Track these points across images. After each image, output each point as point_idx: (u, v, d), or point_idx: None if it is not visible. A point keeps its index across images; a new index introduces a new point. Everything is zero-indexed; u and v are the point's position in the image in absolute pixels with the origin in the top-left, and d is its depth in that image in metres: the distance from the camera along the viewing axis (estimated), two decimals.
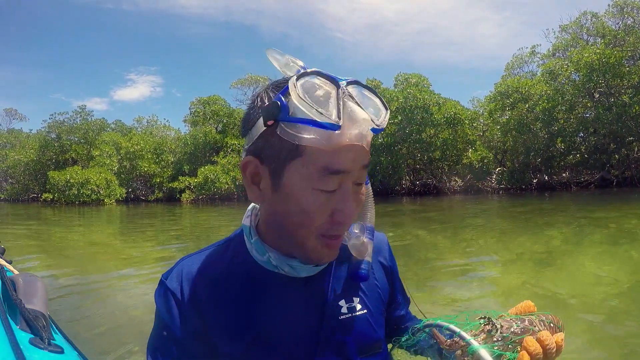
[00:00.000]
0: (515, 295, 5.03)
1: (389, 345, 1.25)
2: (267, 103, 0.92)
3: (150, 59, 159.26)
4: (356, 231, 1.07)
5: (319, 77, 0.88)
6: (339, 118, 0.84)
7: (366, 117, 0.88)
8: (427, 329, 1.06)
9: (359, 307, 1.13)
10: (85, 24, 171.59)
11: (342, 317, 1.09)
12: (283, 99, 0.86)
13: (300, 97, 0.83)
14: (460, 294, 5.09)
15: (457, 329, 0.95)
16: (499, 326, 0.94)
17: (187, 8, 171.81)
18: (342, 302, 1.11)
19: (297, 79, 0.85)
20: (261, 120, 0.90)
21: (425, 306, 1.34)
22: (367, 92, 0.94)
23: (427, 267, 6.62)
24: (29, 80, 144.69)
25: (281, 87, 0.91)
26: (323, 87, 0.87)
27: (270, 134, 0.90)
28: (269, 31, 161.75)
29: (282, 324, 1.05)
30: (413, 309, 1.42)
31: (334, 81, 0.88)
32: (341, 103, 0.85)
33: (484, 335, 0.93)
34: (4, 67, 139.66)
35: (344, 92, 0.88)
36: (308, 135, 0.85)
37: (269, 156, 0.93)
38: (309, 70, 0.89)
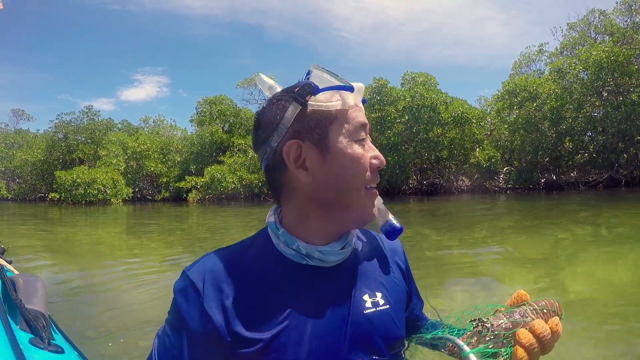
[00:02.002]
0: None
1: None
2: (285, 104, 1.06)
3: (157, 60, 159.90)
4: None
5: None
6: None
7: (362, 85, 1.10)
8: (433, 342, 1.12)
9: (382, 302, 1.14)
10: (92, 25, 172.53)
11: (366, 311, 1.10)
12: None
13: (327, 70, 1.06)
14: (470, 294, 5.04)
15: (452, 337, 1.02)
16: (489, 325, 0.96)
17: (193, 9, 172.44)
18: (366, 297, 1.12)
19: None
20: (292, 107, 1.05)
21: (435, 307, 1.31)
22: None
23: (436, 267, 6.57)
24: (36, 81, 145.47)
25: (288, 93, 1.07)
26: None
27: (302, 114, 1.05)
28: (274, 31, 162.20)
29: (309, 317, 1.04)
30: (427, 308, 1.40)
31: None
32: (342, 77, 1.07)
33: (476, 337, 0.97)
34: (11, 68, 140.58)
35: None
36: (335, 101, 1.05)
37: (309, 131, 1.05)
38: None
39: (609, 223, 10.96)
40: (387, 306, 1.13)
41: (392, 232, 1.16)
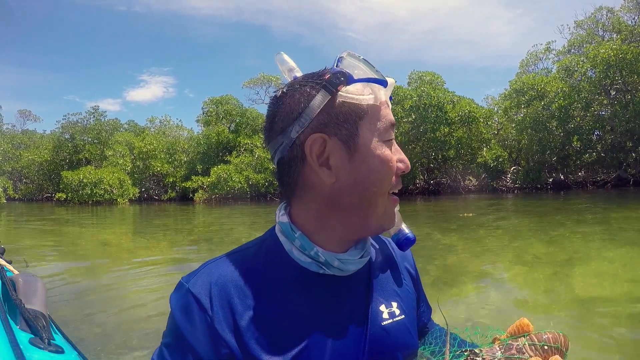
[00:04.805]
0: (533, 299, 4.92)
1: None
2: (311, 92, 0.94)
3: (163, 60, 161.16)
4: None
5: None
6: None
7: (394, 81, 0.99)
8: None
9: (398, 312, 1.07)
10: (98, 26, 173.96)
11: (384, 323, 1.03)
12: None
13: (363, 60, 0.96)
14: (477, 298, 4.99)
15: None
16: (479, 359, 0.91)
17: (199, 9, 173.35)
18: (382, 307, 1.05)
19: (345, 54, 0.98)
20: (319, 96, 0.93)
21: (443, 308, 1.26)
22: None
23: (442, 270, 6.53)
24: (42, 82, 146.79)
25: (315, 79, 0.95)
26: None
27: (330, 105, 0.93)
28: (280, 31, 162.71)
29: (328, 334, 0.96)
30: (437, 317, 1.36)
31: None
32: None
33: None
34: (17, 69, 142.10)
35: None
36: (368, 95, 0.95)
37: (336, 125, 0.95)
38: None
39: (618, 223, 10.89)
40: (403, 316, 1.07)
41: (404, 243, 1.12)
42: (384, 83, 0.96)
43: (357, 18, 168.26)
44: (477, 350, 0.93)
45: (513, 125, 31.03)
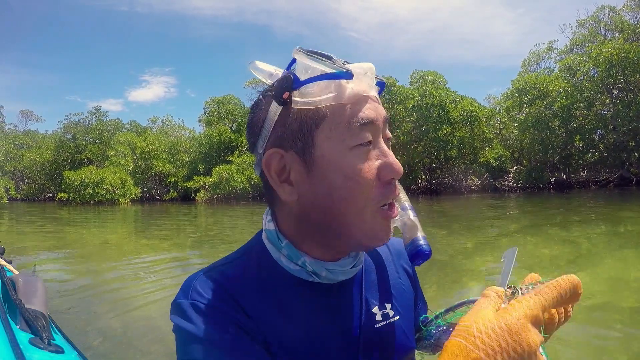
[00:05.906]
0: None
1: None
2: (267, 102, 0.87)
3: (164, 60, 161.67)
4: (400, 210, 0.97)
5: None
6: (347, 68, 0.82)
7: (370, 65, 0.86)
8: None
9: (391, 313, 1.02)
10: (100, 27, 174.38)
11: (377, 325, 0.99)
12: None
13: (311, 53, 0.81)
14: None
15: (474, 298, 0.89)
16: (522, 287, 0.84)
17: (200, 9, 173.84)
18: (375, 309, 1.00)
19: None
20: (273, 106, 0.85)
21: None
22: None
23: (446, 270, 6.50)
24: (44, 82, 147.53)
25: (272, 90, 0.86)
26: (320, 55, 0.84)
27: (285, 115, 0.84)
28: (281, 31, 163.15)
29: (321, 341, 0.92)
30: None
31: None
32: (340, 60, 0.84)
33: (508, 300, 0.83)
34: (20, 69, 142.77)
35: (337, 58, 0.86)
36: (326, 95, 0.81)
37: (291, 137, 0.85)
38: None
39: (622, 222, 10.86)
40: (397, 317, 1.03)
41: (416, 256, 0.98)
42: (344, 76, 0.82)
43: (359, 18, 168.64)
44: (516, 286, 0.87)
45: (515, 124, 31.02)
